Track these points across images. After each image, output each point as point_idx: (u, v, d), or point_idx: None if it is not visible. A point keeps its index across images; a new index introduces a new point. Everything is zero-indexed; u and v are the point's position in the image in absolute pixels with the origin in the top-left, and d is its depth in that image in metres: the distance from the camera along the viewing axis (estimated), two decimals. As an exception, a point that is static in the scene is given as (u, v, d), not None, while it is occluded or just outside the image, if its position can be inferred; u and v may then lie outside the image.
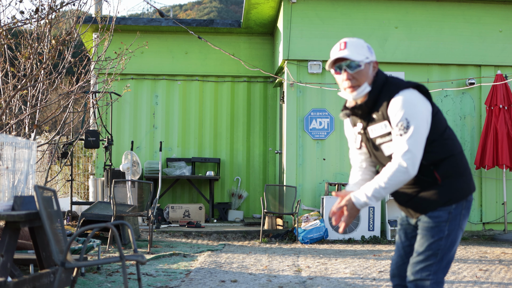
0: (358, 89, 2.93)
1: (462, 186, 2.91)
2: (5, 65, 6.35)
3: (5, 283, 3.61)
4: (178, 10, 49.84)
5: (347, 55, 2.89)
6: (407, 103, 2.79)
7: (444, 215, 2.86)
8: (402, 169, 2.76)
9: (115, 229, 3.73)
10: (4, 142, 4.31)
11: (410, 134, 2.75)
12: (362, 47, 2.97)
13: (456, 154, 2.92)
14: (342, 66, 2.92)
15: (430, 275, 2.83)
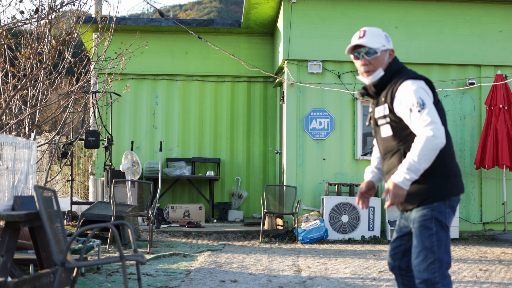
0: (374, 74, 3.21)
1: (446, 186, 3.06)
2: (5, 65, 6.35)
3: (5, 283, 3.61)
4: (178, 10, 49.85)
5: (365, 43, 3.19)
6: (419, 88, 3.03)
7: (428, 213, 3.04)
8: (429, 137, 2.90)
9: (115, 229, 3.73)
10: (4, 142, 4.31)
11: (428, 110, 2.95)
12: (379, 36, 3.23)
13: (446, 155, 3.08)
14: (361, 52, 3.21)
15: (435, 272, 2.99)
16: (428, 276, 2.99)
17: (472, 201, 9.83)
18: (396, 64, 3.25)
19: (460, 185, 3.13)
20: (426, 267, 2.99)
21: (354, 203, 9.06)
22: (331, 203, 9.04)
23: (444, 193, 3.05)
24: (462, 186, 3.15)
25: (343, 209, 9.04)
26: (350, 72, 9.82)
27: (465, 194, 9.79)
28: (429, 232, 3.03)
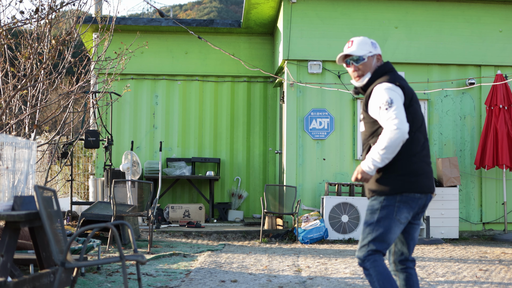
0: (362, 78, 3.64)
1: (397, 183, 3.43)
2: (5, 65, 6.35)
3: (5, 283, 3.61)
4: (178, 10, 49.85)
5: (352, 52, 3.63)
6: (390, 90, 3.43)
7: (376, 205, 3.45)
8: (392, 130, 3.30)
9: (115, 229, 3.73)
10: (4, 142, 4.31)
11: (395, 107, 3.35)
12: (366, 44, 3.66)
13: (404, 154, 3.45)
14: (351, 60, 3.64)
15: (367, 255, 3.39)
16: (359, 255, 3.41)
17: (472, 201, 9.83)
18: (383, 68, 3.63)
19: (417, 184, 3.43)
20: (360, 248, 3.43)
21: (354, 203, 9.07)
22: (331, 203, 9.04)
23: (394, 188, 3.42)
24: (420, 185, 3.44)
25: (343, 209, 9.04)
26: (350, 72, 9.81)
27: (465, 194, 9.79)
28: (370, 221, 3.43)
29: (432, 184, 3.56)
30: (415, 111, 3.51)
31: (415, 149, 3.48)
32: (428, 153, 3.62)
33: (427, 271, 6.27)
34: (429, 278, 5.85)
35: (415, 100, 3.52)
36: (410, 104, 3.48)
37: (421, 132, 3.54)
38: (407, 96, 3.46)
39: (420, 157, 3.51)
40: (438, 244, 8.82)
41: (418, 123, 3.52)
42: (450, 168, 9.19)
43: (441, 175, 9.25)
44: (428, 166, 3.57)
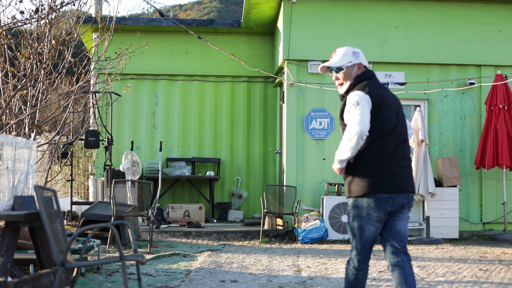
0: (343, 86, 3.97)
1: (364, 185, 3.72)
2: (5, 65, 6.35)
3: (5, 283, 3.61)
4: (178, 10, 49.84)
5: (331, 64, 3.97)
6: (359, 96, 3.74)
7: (349, 205, 3.83)
8: (354, 126, 3.62)
9: (115, 229, 3.73)
10: (4, 142, 4.31)
11: (359, 108, 3.68)
12: (346, 54, 3.96)
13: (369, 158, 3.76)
14: (332, 70, 4.00)
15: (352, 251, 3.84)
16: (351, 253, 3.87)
17: (472, 201, 9.83)
18: (362, 76, 3.92)
19: (384, 185, 3.70)
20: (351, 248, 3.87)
21: (354, 203, 9.05)
22: (331, 203, 9.04)
23: (362, 190, 3.73)
24: (388, 186, 3.71)
25: (343, 209, 9.04)
26: (350, 72, 9.81)
27: (465, 194, 9.79)
28: (349, 220, 3.85)
29: (407, 184, 3.78)
30: (384, 117, 3.77)
31: (383, 153, 3.75)
32: (404, 155, 3.84)
33: (427, 271, 6.27)
34: (429, 278, 5.85)
35: (385, 107, 3.78)
36: (379, 110, 3.76)
37: (392, 136, 3.78)
38: (375, 103, 3.76)
39: (391, 159, 3.76)
40: (438, 244, 8.82)
41: (388, 128, 3.78)
42: (450, 168, 9.19)
43: (441, 175, 9.25)
44: (402, 167, 3.78)
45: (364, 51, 9.78)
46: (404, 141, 3.88)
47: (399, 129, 3.84)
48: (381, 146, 3.76)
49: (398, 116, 3.88)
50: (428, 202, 9.11)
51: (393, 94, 3.98)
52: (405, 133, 3.92)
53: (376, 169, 3.74)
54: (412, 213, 9.40)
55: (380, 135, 3.76)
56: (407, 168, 3.84)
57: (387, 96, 3.85)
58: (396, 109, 3.88)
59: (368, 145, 3.76)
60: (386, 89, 3.98)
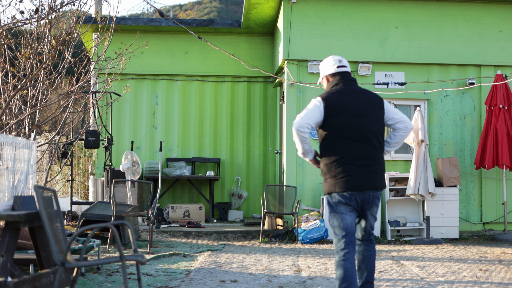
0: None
1: (326, 185, 4.20)
2: (5, 65, 6.35)
3: (5, 283, 3.61)
4: (178, 10, 49.84)
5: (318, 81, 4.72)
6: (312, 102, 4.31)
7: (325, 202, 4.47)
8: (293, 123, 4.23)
9: (115, 229, 3.73)
10: (4, 142, 4.31)
11: (304, 111, 4.28)
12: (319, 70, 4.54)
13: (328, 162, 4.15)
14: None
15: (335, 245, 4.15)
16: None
17: (472, 201, 9.83)
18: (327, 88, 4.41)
19: (341, 184, 4.08)
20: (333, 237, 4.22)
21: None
22: (331, 203, 9.03)
23: (327, 190, 4.19)
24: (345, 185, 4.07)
25: (343, 209, 9.03)
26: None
27: (465, 194, 9.79)
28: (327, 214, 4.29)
29: (365, 182, 4.08)
30: (336, 122, 4.13)
31: (338, 155, 4.11)
32: (363, 155, 4.10)
33: (427, 271, 6.27)
34: (429, 278, 5.85)
35: (338, 111, 4.13)
36: (331, 116, 4.14)
37: (348, 138, 4.10)
38: (328, 109, 4.15)
39: (345, 161, 4.08)
40: (438, 244, 8.83)
41: (343, 130, 4.11)
42: (450, 168, 9.19)
43: (441, 175, 9.25)
44: (360, 166, 4.08)
45: (364, 51, 9.81)
46: (368, 141, 4.12)
47: (361, 130, 4.11)
48: (336, 147, 4.12)
49: (363, 118, 4.14)
50: (428, 202, 9.11)
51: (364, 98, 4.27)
52: (373, 133, 4.16)
53: (332, 171, 4.14)
54: (412, 213, 9.41)
55: (335, 137, 4.12)
56: (368, 167, 4.09)
57: (348, 100, 4.17)
58: (359, 112, 4.16)
59: (325, 148, 4.17)
60: (353, 93, 4.26)
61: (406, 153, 9.87)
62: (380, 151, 4.26)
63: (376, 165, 4.15)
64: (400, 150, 9.91)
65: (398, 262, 6.87)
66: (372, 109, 4.22)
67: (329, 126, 4.15)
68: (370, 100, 4.26)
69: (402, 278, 5.84)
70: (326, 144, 4.17)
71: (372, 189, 4.09)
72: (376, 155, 4.18)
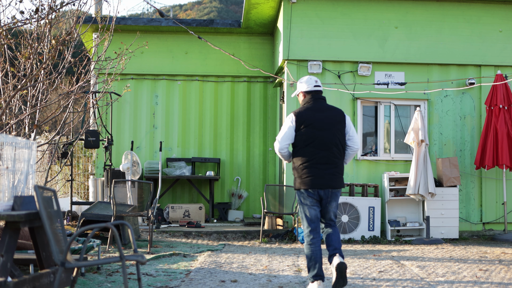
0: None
1: (296, 183, 5.22)
2: (5, 65, 6.35)
3: (5, 283, 3.61)
4: (178, 10, 49.84)
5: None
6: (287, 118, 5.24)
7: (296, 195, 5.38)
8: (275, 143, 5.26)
9: (115, 229, 3.73)
10: (4, 142, 4.31)
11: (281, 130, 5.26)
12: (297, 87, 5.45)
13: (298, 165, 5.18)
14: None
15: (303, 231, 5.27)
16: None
17: (472, 201, 9.83)
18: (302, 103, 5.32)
19: (305, 183, 5.12)
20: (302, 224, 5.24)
21: (354, 203, 9.07)
22: (331, 203, 9.03)
23: (296, 186, 5.23)
24: (308, 184, 5.10)
25: (343, 209, 9.04)
26: (350, 72, 9.82)
27: (465, 194, 9.79)
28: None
29: (326, 182, 5.10)
30: (304, 133, 5.13)
31: (305, 159, 5.13)
32: (323, 160, 5.10)
33: (427, 271, 6.27)
34: (429, 278, 5.85)
35: (307, 125, 5.12)
36: (300, 128, 5.14)
37: (313, 146, 5.11)
38: (298, 122, 5.14)
39: (310, 164, 5.11)
40: (438, 244, 8.83)
41: (308, 140, 5.12)
42: (450, 168, 9.19)
43: (441, 175, 9.25)
44: (322, 170, 5.10)
45: (364, 51, 9.81)
46: (328, 149, 5.12)
47: (323, 140, 5.12)
48: (303, 154, 5.14)
49: (326, 131, 5.13)
50: (428, 202, 9.11)
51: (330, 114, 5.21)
52: (333, 143, 5.14)
53: (299, 172, 5.18)
54: (412, 213, 9.42)
55: (302, 145, 5.14)
56: (327, 170, 5.11)
57: (315, 116, 5.15)
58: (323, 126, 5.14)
59: (296, 153, 5.21)
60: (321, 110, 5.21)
61: (406, 153, 9.87)
62: (340, 158, 5.23)
63: (335, 169, 5.16)
64: (400, 150, 9.91)
65: (398, 262, 6.87)
66: (335, 123, 5.20)
67: (298, 137, 5.15)
68: (334, 116, 5.24)
69: (402, 278, 5.84)
70: (296, 151, 5.20)
71: (331, 187, 5.12)
72: (335, 161, 5.17)
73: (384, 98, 9.84)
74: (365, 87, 9.84)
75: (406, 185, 9.20)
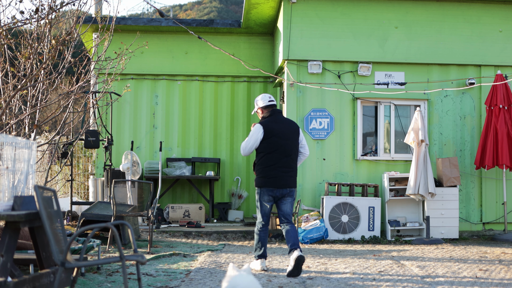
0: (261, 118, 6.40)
1: (258, 181, 6.14)
2: (5, 65, 6.35)
3: (5, 283, 3.61)
4: (178, 10, 49.84)
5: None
6: (254, 127, 6.19)
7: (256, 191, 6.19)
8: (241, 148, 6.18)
9: (115, 229, 3.73)
10: (4, 142, 4.31)
11: (248, 137, 6.17)
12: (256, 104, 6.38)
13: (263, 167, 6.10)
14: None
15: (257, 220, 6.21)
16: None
17: (472, 201, 9.83)
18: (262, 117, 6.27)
19: (266, 182, 6.07)
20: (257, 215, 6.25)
21: (354, 203, 9.07)
22: (331, 203, 9.04)
23: (257, 184, 6.14)
24: (268, 183, 6.06)
25: (343, 209, 9.04)
26: (350, 72, 9.82)
27: (465, 194, 9.79)
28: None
29: (285, 182, 6.06)
30: (270, 142, 6.07)
31: (269, 163, 6.07)
32: (286, 164, 6.08)
33: (427, 271, 6.27)
34: (429, 278, 5.85)
35: (273, 135, 6.07)
36: (267, 137, 6.08)
37: (277, 153, 6.07)
38: (265, 132, 6.08)
39: (274, 168, 6.05)
40: (438, 244, 8.83)
41: (274, 148, 6.07)
42: (450, 168, 9.19)
43: (441, 175, 9.25)
44: (283, 172, 6.06)
45: (364, 51, 9.82)
46: (289, 155, 6.10)
47: (285, 148, 6.08)
48: (268, 158, 6.09)
49: (287, 140, 6.10)
50: (428, 202, 9.11)
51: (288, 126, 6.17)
52: (292, 150, 6.12)
53: (262, 173, 6.11)
54: (412, 213, 9.42)
55: (268, 152, 6.08)
56: (288, 172, 6.09)
57: (278, 128, 6.10)
58: (285, 136, 6.10)
59: (261, 158, 6.11)
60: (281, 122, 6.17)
61: (406, 153, 9.87)
62: (296, 162, 6.23)
63: (292, 172, 6.15)
64: (400, 150, 9.92)
65: (398, 262, 6.87)
66: (292, 134, 6.18)
67: (265, 144, 6.09)
68: (291, 127, 6.21)
69: (402, 278, 5.84)
70: (261, 156, 6.13)
71: (288, 187, 6.10)
72: (293, 166, 6.17)
73: (384, 98, 9.84)
74: (365, 87, 9.84)
75: (406, 185, 9.20)
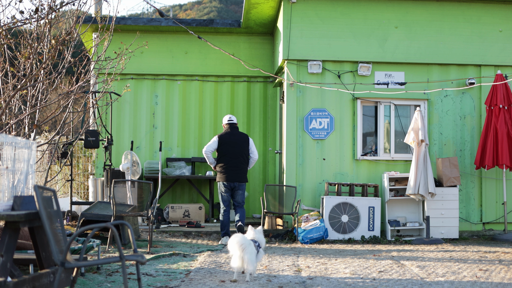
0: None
1: (218, 176, 8.58)
2: (5, 65, 6.35)
3: (5, 283, 3.61)
4: (178, 10, 49.84)
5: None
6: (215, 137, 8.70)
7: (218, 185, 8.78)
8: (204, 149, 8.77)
9: (115, 229, 3.73)
10: (4, 142, 4.31)
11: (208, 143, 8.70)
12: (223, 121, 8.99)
13: (219, 166, 8.57)
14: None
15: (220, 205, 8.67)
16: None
17: (472, 201, 9.83)
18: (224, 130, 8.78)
19: (222, 178, 8.51)
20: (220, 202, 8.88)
21: (354, 203, 9.07)
22: (331, 203, 9.04)
23: (217, 178, 8.60)
24: (223, 178, 8.50)
25: (343, 209, 9.04)
26: (350, 72, 9.82)
27: (465, 194, 9.80)
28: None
29: (235, 177, 8.50)
30: (224, 148, 8.52)
31: (224, 163, 8.49)
32: (235, 164, 8.49)
33: (427, 271, 6.27)
34: (429, 278, 5.85)
35: (226, 143, 8.54)
36: (221, 145, 8.54)
37: (229, 156, 8.52)
38: (220, 141, 8.56)
39: (228, 166, 8.49)
40: (438, 244, 8.83)
41: (226, 152, 8.51)
42: (450, 168, 9.19)
43: (441, 175, 9.25)
44: (233, 170, 8.48)
45: (364, 51, 9.82)
46: (237, 158, 8.50)
47: (235, 153, 8.50)
48: (224, 160, 8.51)
49: (238, 147, 8.52)
50: (428, 202, 9.11)
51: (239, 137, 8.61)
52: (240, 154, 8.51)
53: (222, 171, 8.52)
54: (412, 213, 9.42)
55: (223, 155, 8.51)
56: (237, 170, 8.49)
57: (231, 138, 8.56)
58: (235, 144, 8.54)
59: (219, 159, 8.55)
60: (234, 134, 8.62)
61: (406, 153, 9.87)
62: (245, 164, 8.60)
63: (241, 170, 8.54)
64: (400, 150, 9.92)
65: (398, 262, 6.87)
66: (242, 142, 8.59)
67: (220, 150, 8.55)
68: (242, 138, 8.62)
69: (402, 278, 5.84)
70: (218, 157, 8.59)
71: (236, 181, 8.51)
72: (242, 166, 8.56)
73: (384, 98, 9.84)
74: (365, 87, 9.84)
75: (406, 185, 9.20)
